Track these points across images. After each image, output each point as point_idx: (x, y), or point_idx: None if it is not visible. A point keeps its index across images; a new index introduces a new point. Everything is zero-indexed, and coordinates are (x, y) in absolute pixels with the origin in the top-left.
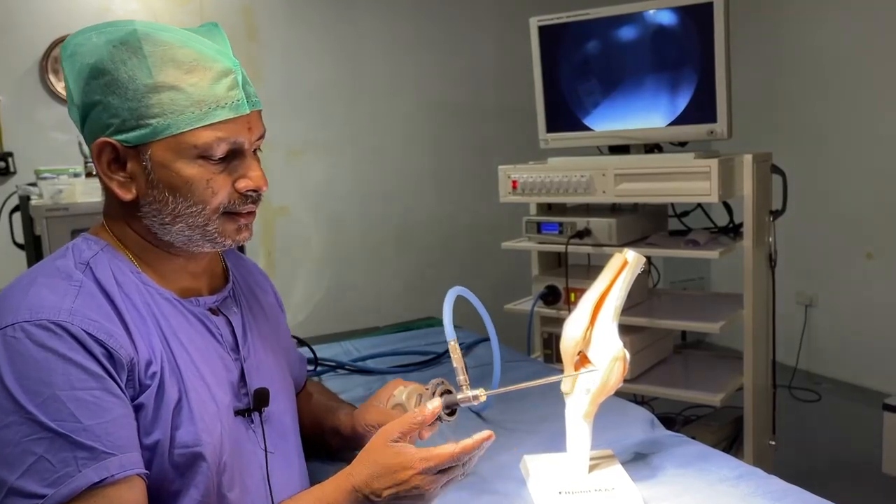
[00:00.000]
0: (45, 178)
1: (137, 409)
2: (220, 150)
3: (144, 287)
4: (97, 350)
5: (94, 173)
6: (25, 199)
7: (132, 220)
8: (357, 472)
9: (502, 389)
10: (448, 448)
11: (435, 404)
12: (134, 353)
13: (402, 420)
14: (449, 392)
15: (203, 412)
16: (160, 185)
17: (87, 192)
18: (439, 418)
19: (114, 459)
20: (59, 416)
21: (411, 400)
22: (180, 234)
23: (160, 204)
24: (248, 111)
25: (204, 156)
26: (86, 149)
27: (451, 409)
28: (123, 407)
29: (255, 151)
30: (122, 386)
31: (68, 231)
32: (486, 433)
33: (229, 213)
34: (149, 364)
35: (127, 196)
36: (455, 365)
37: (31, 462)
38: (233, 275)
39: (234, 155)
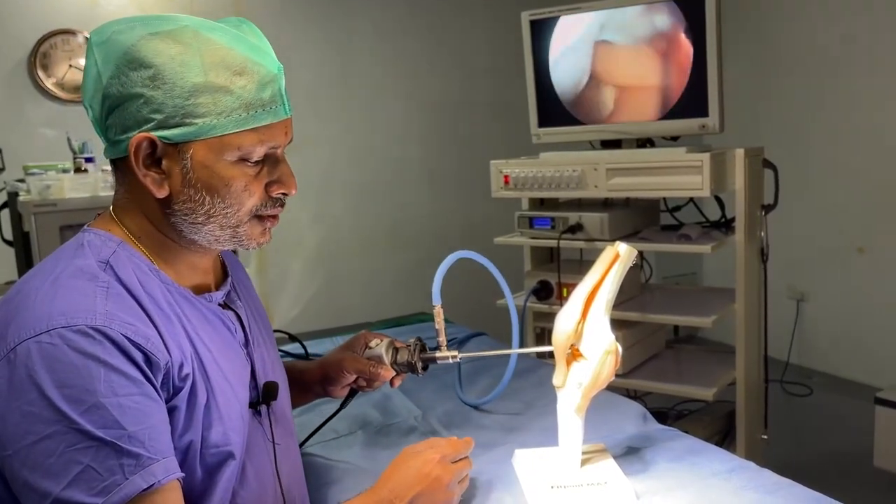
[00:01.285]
0: (33, 174)
1: (170, 411)
2: (258, 154)
3: (164, 285)
4: (137, 355)
5: (83, 168)
6: (14, 196)
7: (155, 216)
8: (381, 486)
9: (474, 354)
10: (453, 438)
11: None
12: (168, 357)
13: (428, 441)
14: (424, 349)
15: (229, 411)
16: (197, 185)
17: (76, 188)
18: (413, 370)
19: (158, 464)
20: (103, 423)
21: (388, 352)
22: (210, 234)
23: (195, 203)
24: (287, 116)
25: (244, 158)
26: (75, 144)
27: (424, 365)
28: (161, 412)
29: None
30: (159, 390)
31: (57, 227)
32: (468, 439)
33: (258, 216)
34: (181, 366)
35: (161, 193)
36: (437, 327)
37: (77, 472)
38: (230, 268)
39: (269, 158)
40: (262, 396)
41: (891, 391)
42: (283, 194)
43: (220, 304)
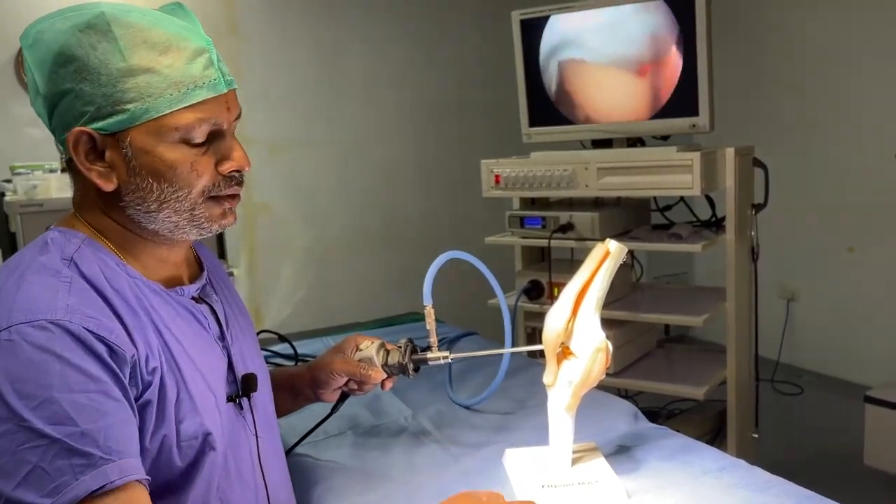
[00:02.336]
0: (19, 174)
1: (144, 406)
2: (200, 132)
3: (132, 280)
4: (100, 348)
5: (64, 169)
6: (0, 196)
7: (113, 211)
8: None
9: (465, 354)
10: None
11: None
12: (134, 350)
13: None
14: (415, 350)
15: (204, 403)
16: (143, 172)
17: (62, 188)
18: (404, 371)
19: (112, 465)
20: (54, 419)
21: (379, 354)
22: (166, 220)
23: (144, 191)
24: (225, 90)
25: (185, 138)
26: None
27: (416, 366)
28: (123, 411)
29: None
30: (126, 385)
31: (43, 227)
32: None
33: (214, 197)
34: (148, 360)
35: (108, 186)
36: (428, 328)
37: (26, 471)
38: (205, 262)
39: (215, 136)
40: (241, 389)
41: (880, 390)
42: (236, 171)
43: (193, 298)
